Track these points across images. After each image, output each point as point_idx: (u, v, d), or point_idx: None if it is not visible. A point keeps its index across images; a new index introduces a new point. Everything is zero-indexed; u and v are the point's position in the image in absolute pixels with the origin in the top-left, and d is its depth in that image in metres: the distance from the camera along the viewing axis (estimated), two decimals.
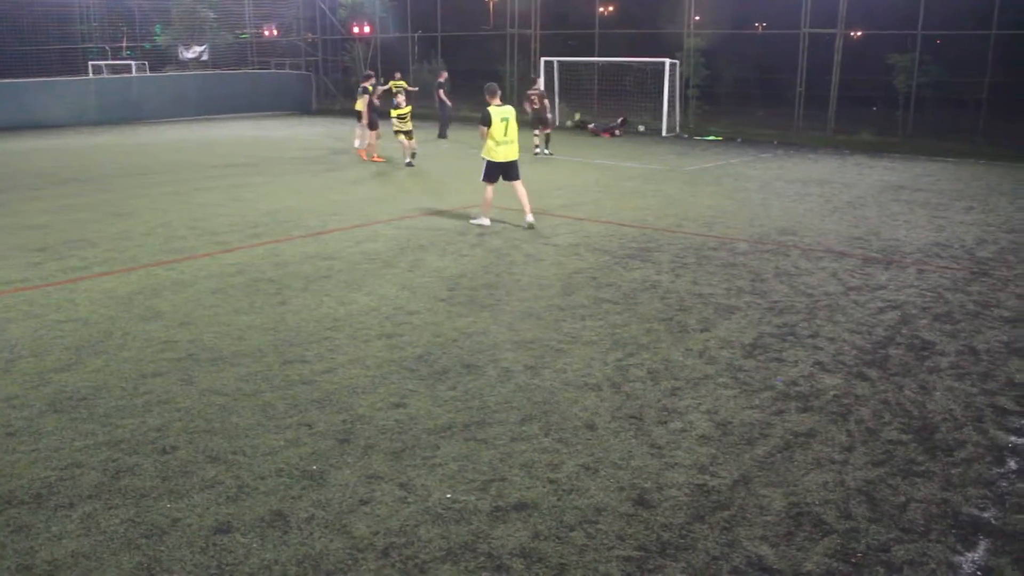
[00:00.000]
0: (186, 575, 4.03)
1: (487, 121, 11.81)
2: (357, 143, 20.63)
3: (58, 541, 4.30)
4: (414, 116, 19.53)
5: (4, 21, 49.67)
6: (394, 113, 18.80)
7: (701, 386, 6.34)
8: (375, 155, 19.96)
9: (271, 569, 4.06)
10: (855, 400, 6.14)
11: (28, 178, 17.47)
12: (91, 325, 7.72)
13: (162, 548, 4.24)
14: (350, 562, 4.12)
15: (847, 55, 24.77)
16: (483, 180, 12.12)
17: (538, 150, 21.44)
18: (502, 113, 11.82)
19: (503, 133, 11.86)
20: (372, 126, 19.85)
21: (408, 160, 18.81)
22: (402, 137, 18.73)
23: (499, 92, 12.18)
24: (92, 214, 13.30)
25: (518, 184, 12.21)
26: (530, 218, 12.13)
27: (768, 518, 4.54)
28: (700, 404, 6.00)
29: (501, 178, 12.11)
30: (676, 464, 5.11)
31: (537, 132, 21.73)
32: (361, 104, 20.30)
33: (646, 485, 4.86)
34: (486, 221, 12.22)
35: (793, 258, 10.40)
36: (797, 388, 6.33)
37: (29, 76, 34.45)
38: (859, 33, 27.03)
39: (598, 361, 6.83)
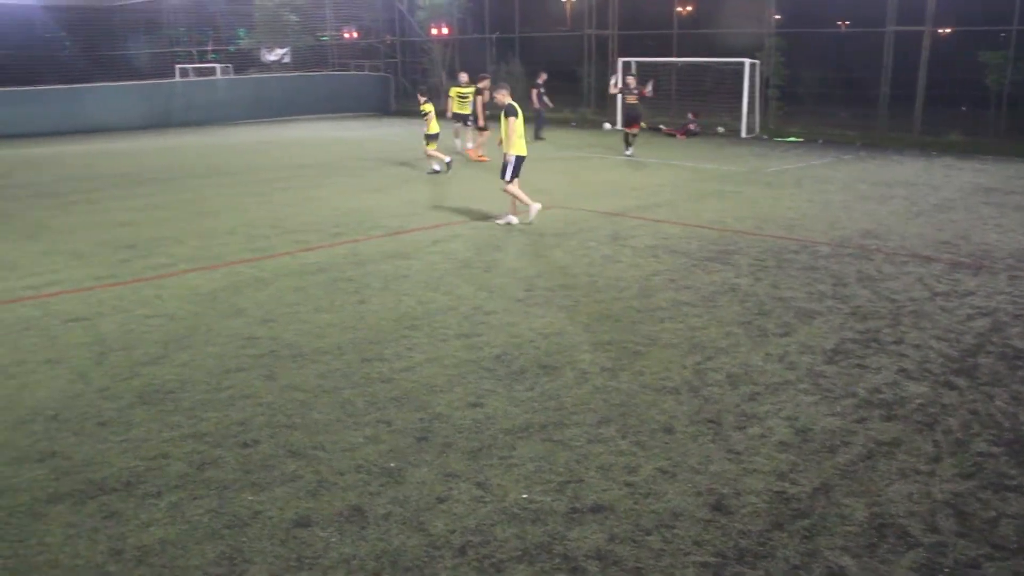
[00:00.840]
0: (267, 566, 4.11)
1: (516, 113, 11.89)
2: (470, 144, 20.89)
3: (146, 528, 4.43)
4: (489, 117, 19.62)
5: (97, 26, 51.46)
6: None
7: (781, 391, 6.23)
8: (481, 155, 20.24)
9: (349, 563, 4.12)
10: (942, 410, 5.96)
11: (117, 178, 18.05)
12: (177, 320, 7.94)
13: (244, 539, 4.33)
14: (427, 559, 4.15)
15: (935, 53, 24.07)
16: (512, 177, 12.05)
17: (629, 152, 20.95)
18: (518, 108, 12.04)
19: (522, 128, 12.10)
20: (479, 127, 20.33)
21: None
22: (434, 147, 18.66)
23: (507, 86, 12.42)
24: (178, 213, 13.68)
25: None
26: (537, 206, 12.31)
27: (850, 528, 4.44)
28: (780, 410, 5.90)
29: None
30: (755, 470, 5.04)
31: (629, 130, 21.22)
32: (463, 107, 20.90)
33: (724, 491, 4.79)
34: (536, 206, 12.24)
35: (876, 262, 10.16)
36: (880, 396, 6.18)
37: (120, 79, 35.59)
38: (948, 30, 26.25)
39: (676, 364, 6.76)
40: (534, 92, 25.13)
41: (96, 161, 20.98)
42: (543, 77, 25.51)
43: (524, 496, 4.73)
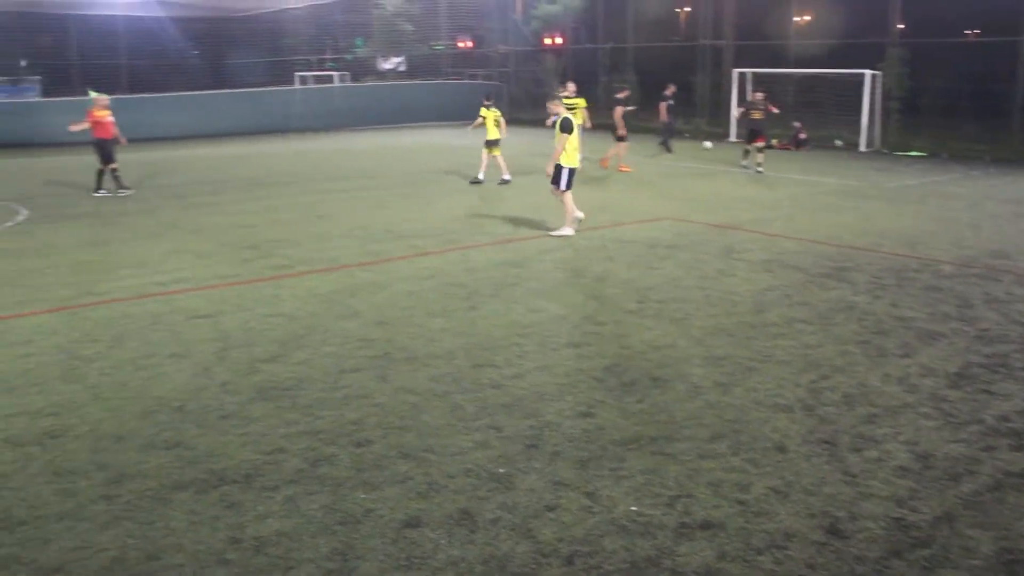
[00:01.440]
0: (377, 564, 4.18)
1: (570, 128, 11.79)
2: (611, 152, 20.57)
3: (263, 520, 4.58)
4: (604, 127, 19.59)
5: (222, 36, 53.56)
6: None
7: (900, 415, 6.03)
8: (621, 164, 20.19)
9: (457, 566, 4.17)
10: None
11: (240, 182, 18.74)
12: (295, 320, 8.19)
13: (356, 536, 4.43)
14: (534, 566, 4.17)
15: None
16: (568, 188, 12.05)
17: (760, 168, 19.67)
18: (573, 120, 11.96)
19: (576, 139, 12.08)
20: (621, 138, 20.14)
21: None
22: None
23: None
24: (296, 215, 14.11)
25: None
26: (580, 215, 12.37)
27: (975, 562, 4.25)
28: (899, 433, 5.71)
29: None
30: (872, 494, 4.88)
31: (750, 147, 20.25)
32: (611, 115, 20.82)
33: (839, 514, 4.66)
34: (570, 231, 12.24)
35: (1006, 284, 9.72)
36: (1009, 424, 5.90)
37: (242, 87, 36.94)
38: None
39: (790, 382, 6.62)
40: (663, 105, 24.51)
41: (220, 165, 21.82)
42: (671, 89, 24.67)
43: (633, 508, 4.70)
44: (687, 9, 38.69)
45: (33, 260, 10.99)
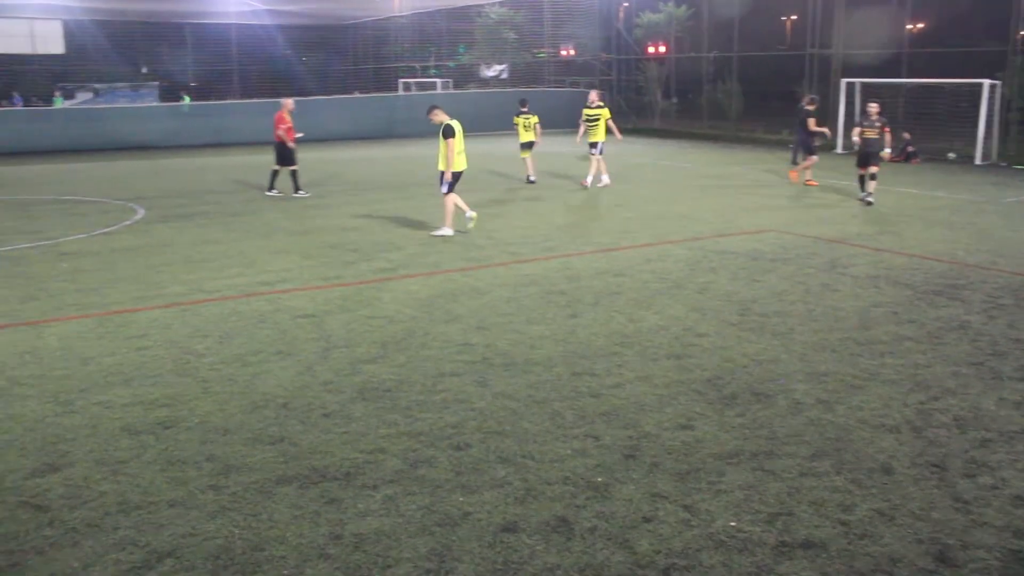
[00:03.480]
0: (474, 567, 4.21)
1: (452, 134, 12.43)
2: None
3: (363, 518, 4.67)
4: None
5: (329, 44, 54.96)
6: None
7: (1018, 441, 5.77)
8: (808, 179, 19.07)
9: (553, 573, 4.17)
10: None
11: (345, 185, 19.16)
12: (396, 323, 8.32)
13: (453, 538, 4.47)
14: None
15: None
16: (449, 192, 12.71)
17: (871, 199, 16.27)
18: (458, 126, 12.64)
19: (463, 144, 12.73)
20: (809, 151, 19.24)
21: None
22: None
23: (441, 107, 12.97)
24: (398, 219, 14.35)
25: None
26: (471, 213, 12.97)
27: None
28: (1016, 460, 5.46)
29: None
30: (985, 523, 4.68)
31: (864, 172, 16.41)
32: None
33: (949, 541, 4.49)
34: (449, 231, 12.86)
35: None
36: None
37: (348, 92, 37.78)
38: None
39: (897, 402, 6.41)
40: (811, 119, 23.24)
41: (326, 168, 22.34)
42: (808, 100, 21.38)
43: (732, 524, 4.62)
44: (794, 17, 37.96)
45: (149, 257, 11.46)
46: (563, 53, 44.35)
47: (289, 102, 18.00)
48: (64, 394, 6.51)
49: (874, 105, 16.76)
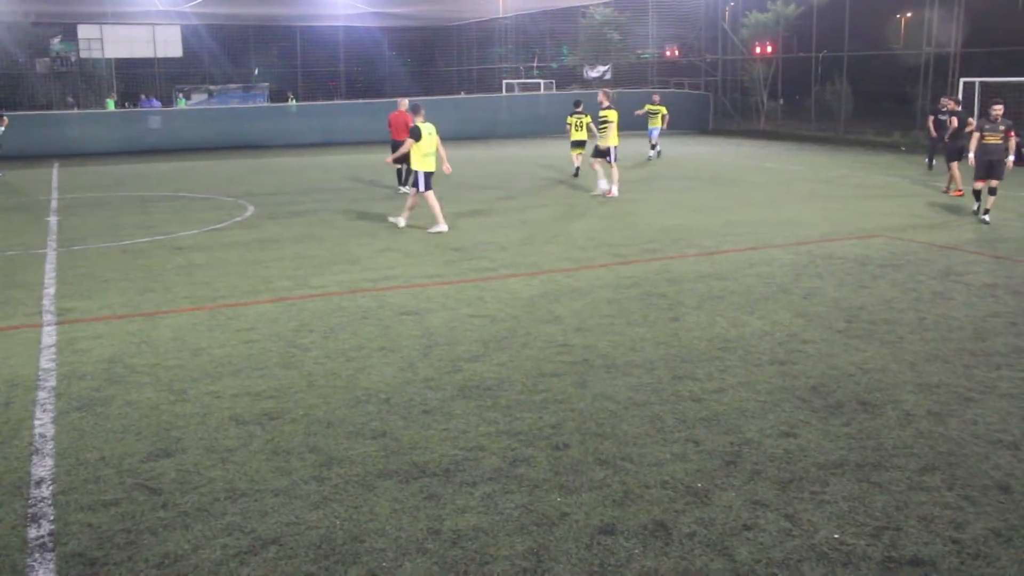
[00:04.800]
0: (570, 567, 4.20)
1: (418, 137, 12.98)
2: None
3: (462, 514, 4.70)
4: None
5: (433, 45, 55.69)
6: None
7: None
8: (955, 188, 17.66)
9: None
10: None
11: (446, 184, 19.32)
12: (497, 322, 8.37)
13: (551, 538, 4.46)
14: None
15: None
16: (427, 190, 13.28)
17: (987, 217, 14.26)
18: (428, 129, 13.13)
19: (430, 146, 13.20)
20: (951, 157, 17.90)
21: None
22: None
23: (422, 110, 13.52)
24: (501, 219, 14.45)
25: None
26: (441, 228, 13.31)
27: None
28: None
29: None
30: None
31: (981, 184, 14.58)
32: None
33: None
34: (444, 227, 13.35)
35: None
36: None
37: (451, 93, 38.22)
38: None
39: (1016, 416, 6.12)
40: (931, 119, 22.17)
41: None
42: (947, 103, 21.05)
43: (836, 536, 4.49)
44: (909, 15, 36.70)
45: (258, 253, 11.82)
46: (667, 54, 43.91)
47: (404, 101, 17.93)
48: (177, 383, 6.77)
49: (998, 107, 14.57)
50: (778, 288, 9.67)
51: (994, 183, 14.28)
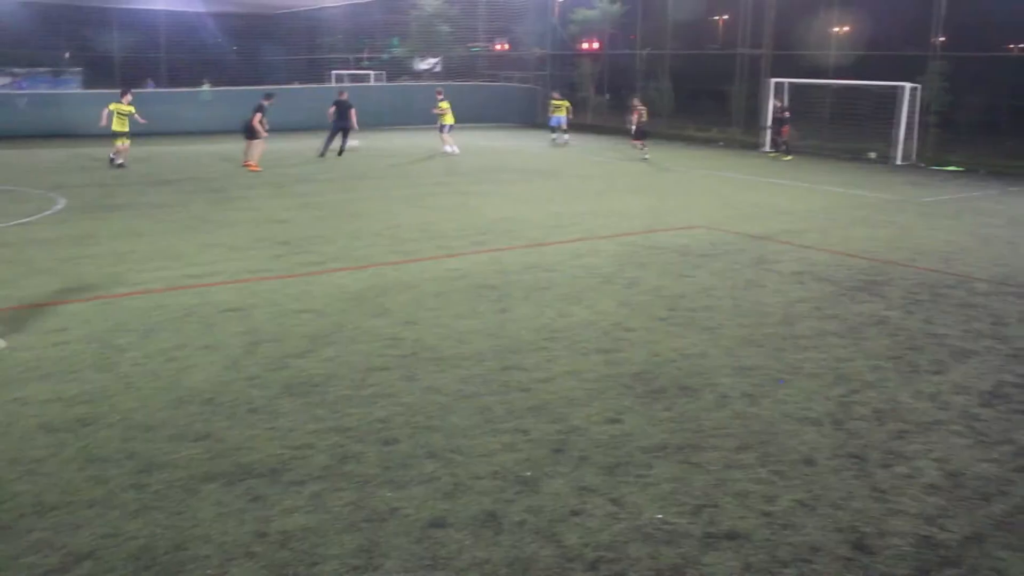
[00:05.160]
0: (402, 562, 4.20)
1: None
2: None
3: (290, 514, 4.61)
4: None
5: (260, 33, 54.00)
6: None
7: (932, 432, 5.96)
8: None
9: (482, 567, 4.17)
10: None
11: (272, 177, 18.85)
12: (325, 317, 8.23)
13: (381, 534, 4.44)
14: (559, 571, 4.16)
15: None
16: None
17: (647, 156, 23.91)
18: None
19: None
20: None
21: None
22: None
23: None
24: (329, 213, 14.21)
25: None
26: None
27: None
28: (930, 451, 5.64)
29: None
30: (900, 511, 4.83)
31: (638, 143, 24.45)
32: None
33: (866, 529, 4.62)
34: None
35: None
36: None
37: (279, 83, 37.21)
38: None
39: (820, 395, 6.56)
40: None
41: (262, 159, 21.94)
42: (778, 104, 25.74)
43: (659, 516, 4.68)
44: (725, 17, 38.52)
45: (70, 249, 11.15)
46: (497, 47, 44.32)
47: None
48: None
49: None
50: (603, 278, 9.97)
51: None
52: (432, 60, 45.05)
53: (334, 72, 45.21)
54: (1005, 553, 4.45)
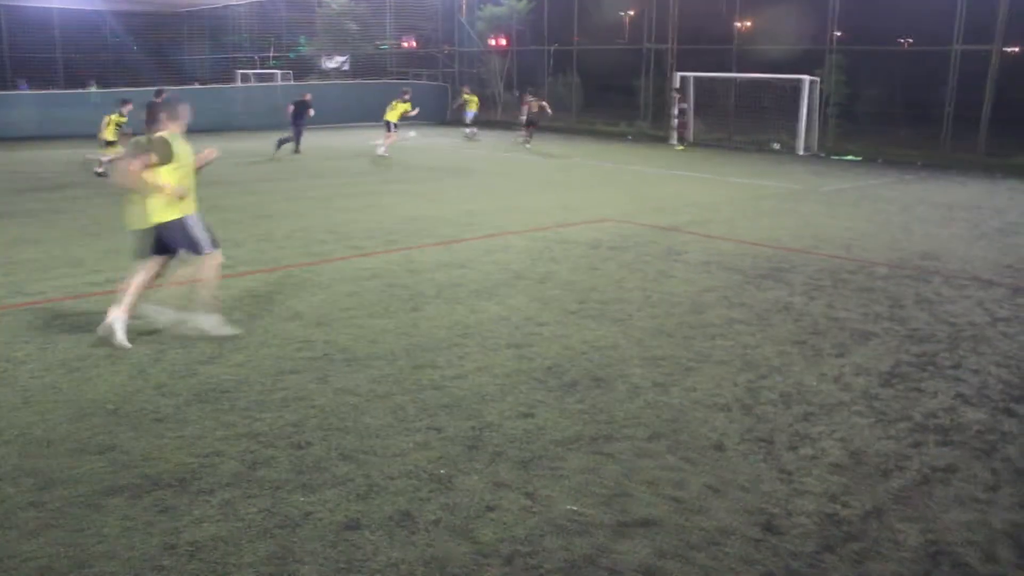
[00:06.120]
0: (317, 567, 4.15)
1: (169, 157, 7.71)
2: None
3: (199, 524, 4.51)
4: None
5: (163, 32, 52.61)
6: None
7: (835, 413, 6.15)
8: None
9: (398, 568, 4.15)
10: (1001, 437, 5.83)
11: None
12: (234, 321, 8.07)
13: (295, 539, 4.39)
14: (474, 567, 4.17)
15: (1002, 73, 23.59)
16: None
17: (528, 145, 26.66)
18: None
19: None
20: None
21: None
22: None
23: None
24: (238, 215, 13.92)
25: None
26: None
27: (903, 554, 4.37)
28: (833, 431, 5.83)
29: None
30: (806, 491, 4.98)
31: (525, 132, 27.34)
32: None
33: (774, 510, 4.75)
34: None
35: (935, 285, 9.98)
36: (937, 421, 6.07)
37: (183, 83, 36.35)
38: (1016, 49, 25.74)
39: (728, 382, 6.71)
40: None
41: None
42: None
43: (572, 508, 4.73)
44: (631, 13, 39.03)
45: None
46: (405, 45, 44.09)
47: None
48: None
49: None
50: (515, 274, 10.01)
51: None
52: (340, 59, 44.57)
53: (240, 72, 44.37)
54: (903, 525, 4.62)
